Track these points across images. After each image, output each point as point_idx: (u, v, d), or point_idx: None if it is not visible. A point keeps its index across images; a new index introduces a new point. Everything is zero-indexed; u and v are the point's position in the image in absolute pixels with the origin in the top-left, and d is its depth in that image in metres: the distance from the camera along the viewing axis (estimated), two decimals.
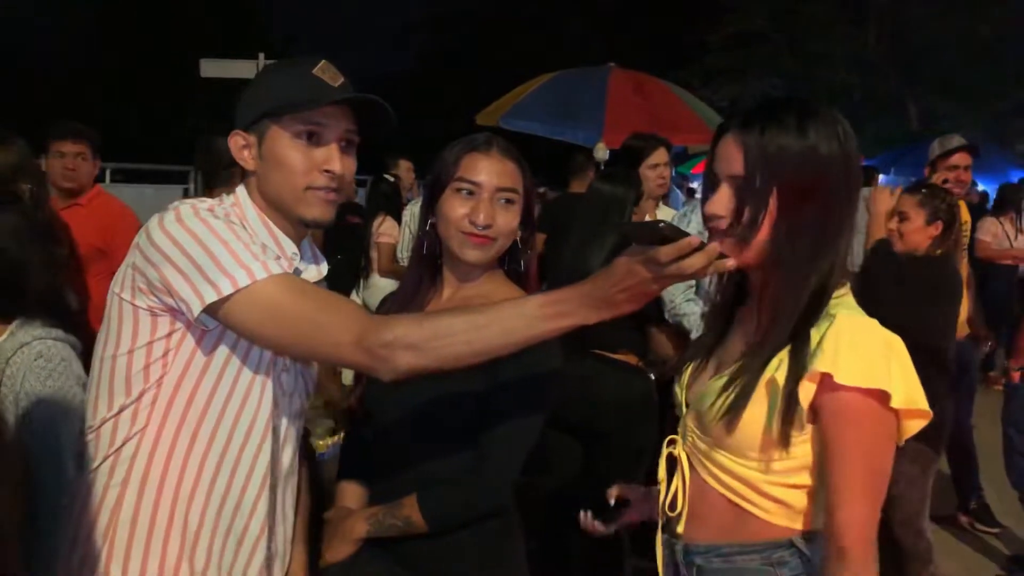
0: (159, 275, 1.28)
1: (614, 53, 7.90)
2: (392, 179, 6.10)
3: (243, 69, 7.47)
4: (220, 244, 1.27)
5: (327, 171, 1.39)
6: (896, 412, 1.18)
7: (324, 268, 1.54)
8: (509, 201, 1.58)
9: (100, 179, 7.23)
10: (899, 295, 2.87)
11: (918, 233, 3.10)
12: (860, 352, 1.17)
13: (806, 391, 1.18)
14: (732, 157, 1.23)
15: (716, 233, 1.26)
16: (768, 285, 1.28)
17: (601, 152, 5.32)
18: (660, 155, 3.69)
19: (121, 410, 1.37)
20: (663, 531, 1.42)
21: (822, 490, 1.24)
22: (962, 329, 3.92)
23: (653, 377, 3.04)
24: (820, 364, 1.16)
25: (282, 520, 1.53)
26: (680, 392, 1.42)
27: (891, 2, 17.95)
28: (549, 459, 3.12)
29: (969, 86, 16.59)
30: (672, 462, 1.40)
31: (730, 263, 1.16)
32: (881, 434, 1.20)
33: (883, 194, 3.18)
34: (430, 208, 1.63)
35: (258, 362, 1.41)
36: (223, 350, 1.37)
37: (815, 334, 1.21)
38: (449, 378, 1.45)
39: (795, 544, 1.28)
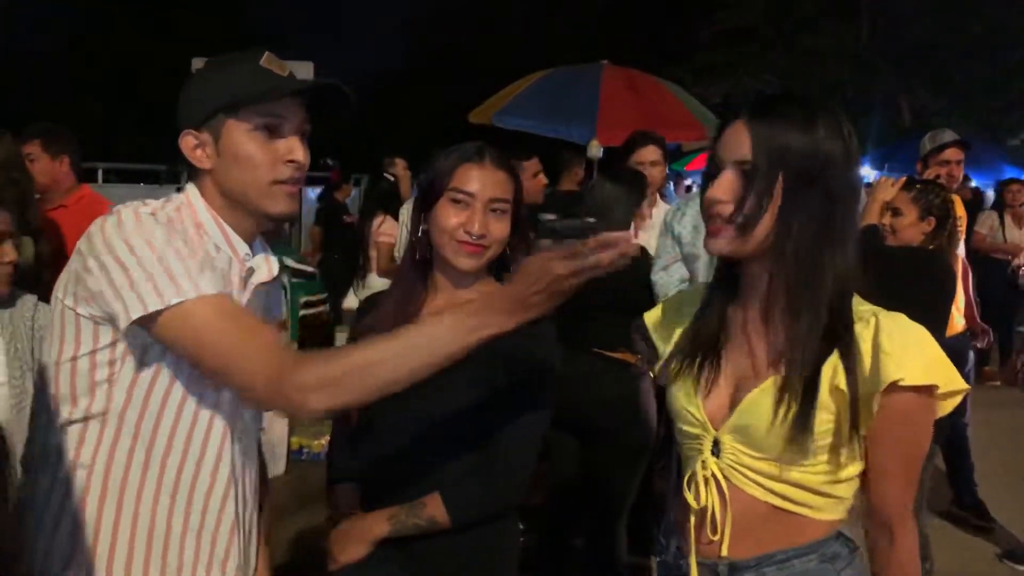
0: (94, 283, 1.25)
1: (607, 50, 7.88)
2: (392, 178, 6.10)
3: None
4: (154, 258, 1.23)
5: (291, 161, 1.36)
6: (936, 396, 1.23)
7: (276, 267, 1.50)
8: (502, 211, 1.62)
9: (92, 179, 7.20)
10: (891, 287, 2.88)
11: (911, 228, 3.10)
12: (915, 351, 1.21)
13: (875, 399, 1.21)
14: (740, 143, 1.23)
15: (716, 219, 1.25)
16: (773, 282, 1.26)
17: (595, 149, 5.31)
18: (647, 152, 3.65)
19: (72, 418, 1.33)
20: (698, 555, 1.35)
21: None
22: (958, 324, 3.93)
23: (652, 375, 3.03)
24: (892, 372, 1.19)
25: (249, 517, 1.50)
26: (694, 408, 1.34)
27: None
28: (548, 458, 3.12)
29: (961, 82, 16.64)
30: (696, 484, 1.34)
31: (631, 247, 1.13)
32: (927, 422, 1.26)
33: (885, 183, 3.17)
34: (423, 216, 1.66)
35: None
36: (171, 358, 1.31)
37: (865, 335, 1.22)
38: (452, 381, 1.46)
39: (842, 534, 1.32)
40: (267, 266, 1.47)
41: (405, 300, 1.69)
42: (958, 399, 1.26)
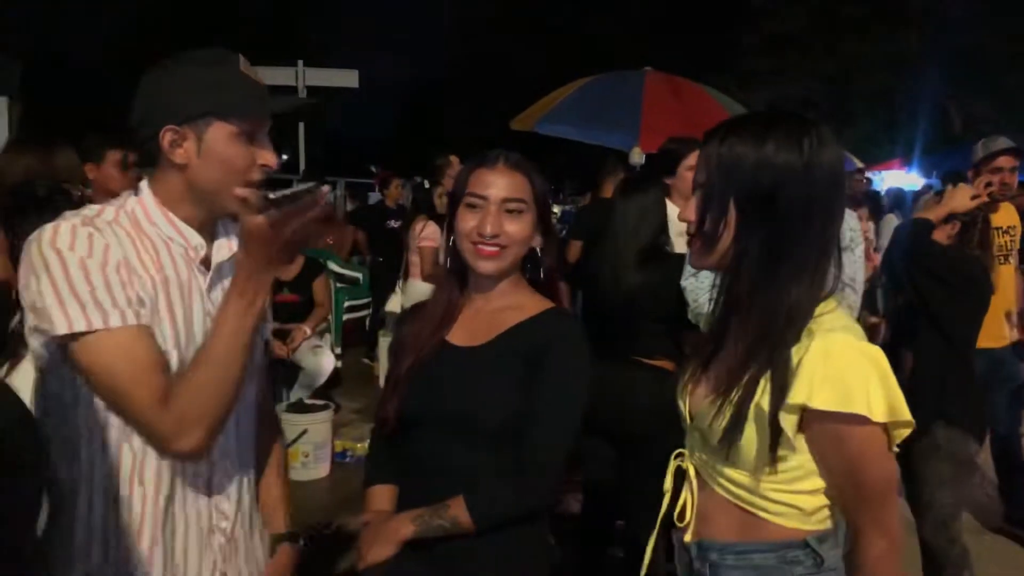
0: (30, 296, 1.29)
1: (650, 57, 7.86)
2: (423, 182, 6.15)
3: (282, 76, 7.57)
4: (82, 278, 1.27)
5: (264, 165, 1.43)
6: (883, 424, 1.21)
7: (235, 245, 1.48)
8: (517, 211, 1.65)
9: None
10: (933, 287, 2.91)
11: (935, 231, 3.09)
12: (835, 377, 1.19)
13: (789, 421, 1.23)
14: (699, 167, 1.32)
15: (689, 236, 1.34)
16: (747, 297, 1.30)
17: (637, 156, 5.30)
18: (695, 157, 3.70)
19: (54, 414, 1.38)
20: (674, 534, 1.46)
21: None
22: (1006, 336, 3.85)
23: None
24: (796, 395, 1.20)
25: (236, 491, 1.52)
26: (683, 404, 1.45)
27: (931, 4, 17.68)
28: (584, 464, 3.12)
29: (1012, 87, 16.29)
30: (680, 474, 1.46)
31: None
32: (865, 450, 1.23)
33: (964, 192, 3.12)
34: (450, 226, 1.71)
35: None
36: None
37: (795, 357, 1.22)
38: (484, 383, 1.57)
39: (809, 544, 1.32)
40: (228, 245, 1.50)
41: (442, 308, 1.74)
42: (907, 431, 1.24)
